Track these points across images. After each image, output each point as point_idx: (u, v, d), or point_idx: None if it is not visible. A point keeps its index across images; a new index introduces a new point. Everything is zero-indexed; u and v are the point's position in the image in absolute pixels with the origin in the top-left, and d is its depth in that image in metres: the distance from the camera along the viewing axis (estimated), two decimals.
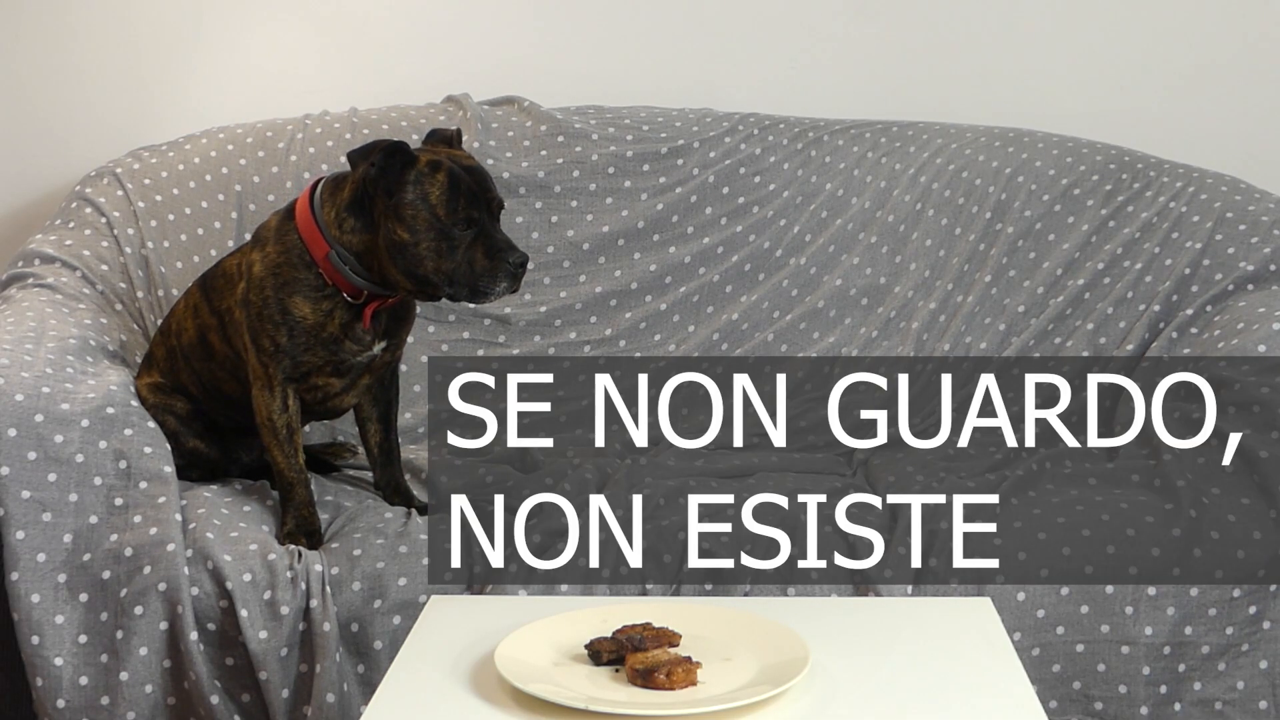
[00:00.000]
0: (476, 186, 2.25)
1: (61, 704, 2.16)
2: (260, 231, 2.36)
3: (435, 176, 2.23)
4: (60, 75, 3.13)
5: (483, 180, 2.26)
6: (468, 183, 2.24)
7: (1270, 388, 2.40)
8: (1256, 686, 2.26)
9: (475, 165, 2.28)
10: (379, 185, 2.22)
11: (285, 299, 2.28)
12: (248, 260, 2.34)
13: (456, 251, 2.23)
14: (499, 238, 2.25)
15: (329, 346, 2.31)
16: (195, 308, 2.44)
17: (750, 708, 1.63)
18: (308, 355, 2.31)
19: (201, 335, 2.42)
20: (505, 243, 2.25)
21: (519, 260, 2.23)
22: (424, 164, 2.24)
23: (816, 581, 2.20)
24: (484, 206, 2.25)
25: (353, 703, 2.16)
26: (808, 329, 2.89)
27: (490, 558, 2.21)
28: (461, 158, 2.29)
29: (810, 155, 3.02)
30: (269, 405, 2.33)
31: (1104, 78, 3.18)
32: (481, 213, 2.25)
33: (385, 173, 2.22)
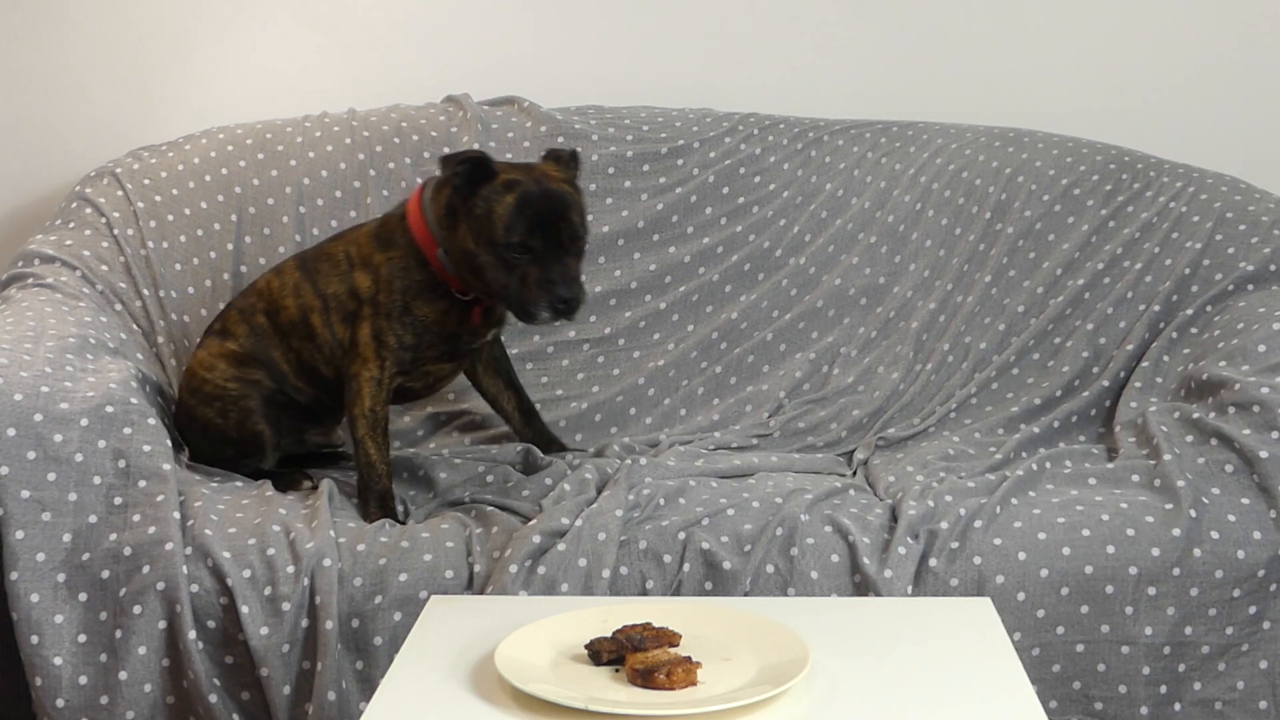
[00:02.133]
0: (546, 213, 2.29)
1: (61, 703, 2.16)
2: (382, 232, 2.44)
3: (505, 197, 2.30)
4: (60, 75, 3.13)
5: (556, 208, 2.30)
6: (537, 209, 2.29)
7: (1270, 388, 2.40)
8: (1256, 686, 2.26)
9: (558, 191, 2.32)
10: (458, 193, 2.32)
11: (410, 300, 2.39)
12: (371, 259, 2.42)
13: (513, 272, 2.30)
14: (555, 270, 2.29)
15: (448, 340, 2.43)
16: (296, 287, 2.50)
17: (750, 708, 1.63)
18: (429, 350, 2.43)
19: (304, 315, 2.48)
20: (561, 276, 2.29)
21: (564, 296, 2.29)
22: (500, 181, 2.31)
23: (816, 581, 2.20)
24: (549, 234, 2.29)
25: (352, 700, 2.16)
26: (806, 328, 2.89)
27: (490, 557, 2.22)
28: (550, 181, 2.33)
29: (810, 155, 3.02)
30: (374, 397, 2.41)
31: (1104, 78, 3.18)
32: (542, 241, 2.29)
33: (465, 182, 2.31)
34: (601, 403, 2.80)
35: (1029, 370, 2.82)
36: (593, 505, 2.28)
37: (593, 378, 2.83)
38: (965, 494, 2.35)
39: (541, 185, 2.32)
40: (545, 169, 2.38)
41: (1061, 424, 2.69)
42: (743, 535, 2.25)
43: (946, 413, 2.76)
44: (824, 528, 2.26)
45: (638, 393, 2.83)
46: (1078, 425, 2.71)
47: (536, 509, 2.33)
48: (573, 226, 2.31)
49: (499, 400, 2.65)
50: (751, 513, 2.30)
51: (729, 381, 2.85)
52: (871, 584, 2.17)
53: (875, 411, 2.77)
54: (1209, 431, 2.40)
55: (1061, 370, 2.79)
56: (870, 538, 2.24)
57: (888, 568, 2.18)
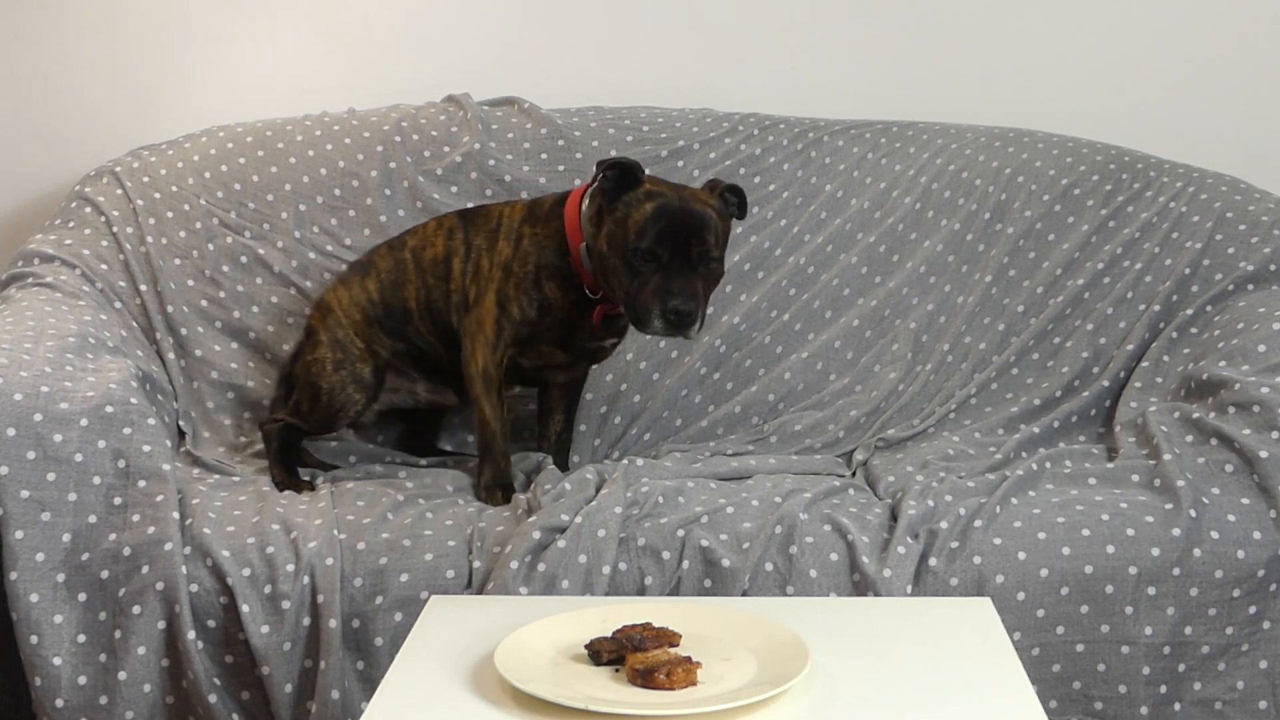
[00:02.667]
0: (680, 227, 2.34)
1: (60, 703, 2.16)
2: (536, 209, 2.53)
3: (644, 205, 2.35)
4: (60, 75, 3.13)
5: (689, 224, 2.34)
6: (671, 221, 2.34)
7: (1270, 388, 2.40)
8: (1256, 686, 2.26)
9: (696, 209, 2.36)
10: (605, 196, 2.39)
11: (543, 278, 2.46)
12: (518, 230, 2.50)
13: (636, 278, 2.35)
14: (675, 282, 2.33)
15: (566, 327, 2.49)
16: (450, 230, 2.59)
17: (750, 708, 1.63)
18: (547, 332, 2.49)
19: (448, 256, 2.57)
20: (679, 289, 2.33)
21: (675, 308, 2.32)
22: (643, 190, 2.37)
23: (815, 580, 2.20)
24: (678, 247, 2.33)
25: (353, 699, 2.16)
26: (804, 329, 2.89)
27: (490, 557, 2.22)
28: (692, 200, 2.37)
29: (810, 156, 3.02)
30: (488, 358, 2.48)
31: (1104, 78, 3.18)
32: (669, 252, 2.33)
33: (613, 186, 2.38)
34: (600, 409, 2.80)
35: (1029, 370, 2.82)
36: (592, 503, 2.28)
37: (591, 385, 2.82)
38: (965, 494, 2.35)
39: (683, 201, 2.36)
40: (694, 191, 2.42)
41: (1061, 424, 2.69)
42: (742, 533, 2.25)
43: (946, 413, 2.76)
44: (823, 527, 2.26)
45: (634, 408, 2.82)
46: (1078, 425, 2.71)
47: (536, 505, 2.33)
48: (704, 245, 2.35)
49: (549, 416, 2.69)
50: (750, 511, 2.30)
51: (725, 388, 2.84)
52: (871, 583, 2.17)
53: (873, 412, 2.77)
54: (1209, 431, 2.40)
55: (1061, 370, 2.79)
56: (869, 537, 2.24)
57: (887, 567, 2.18)
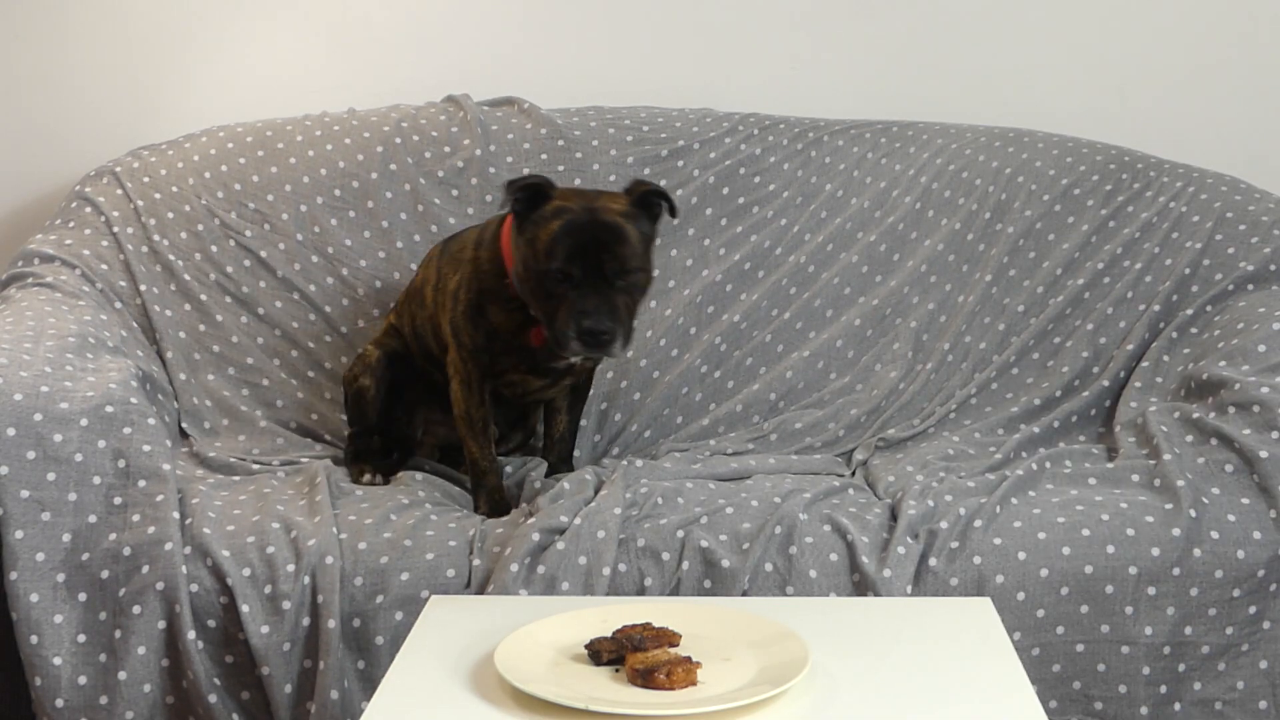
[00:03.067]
0: (588, 242, 2.24)
1: (60, 703, 2.16)
2: (484, 233, 2.47)
3: (551, 223, 2.26)
4: (60, 75, 3.13)
5: (602, 236, 2.25)
6: (580, 237, 2.24)
7: (1270, 388, 2.40)
8: (1256, 686, 2.26)
9: (607, 221, 2.26)
10: (518, 218, 2.32)
11: (485, 304, 2.41)
12: (470, 255, 2.46)
13: (550, 300, 2.27)
14: (589, 301, 2.24)
15: (523, 352, 2.42)
16: (432, 257, 2.60)
17: (750, 708, 1.63)
18: (503, 357, 2.44)
19: (423, 284, 2.58)
20: (593, 307, 2.24)
21: (589, 328, 2.24)
22: (551, 207, 2.28)
23: (815, 580, 2.20)
24: (589, 264, 2.24)
25: (353, 699, 2.16)
26: (805, 328, 2.89)
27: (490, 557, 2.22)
28: (603, 211, 2.28)
29: (810, 156, 3.02)
30: (467, 400, 2.45)
31: (1104, 78, 3.18)
32: (581, 270, 2.24)
33: (524, 207, 2.30)
34: (602, 410, 2.80)
35: (1029, 370, 2.82)
36: (591, 504, 2.28)
37: (595, 387, 2.82)
38: (965, 494, 2.35)
39: (591, 214, 2.27)
40: (606, 199, 2.32)
41: (1061, 424, 2.69)
42: (741, 534, 2.25)
43: (946, 413, 2.76)
44: (823, 527, 2.26)
45: (635, 405, 2.82)
46: (1078, 425, 2.70)
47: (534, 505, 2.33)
48: (617, 259, 2.25)
49: (552, 417, 2.66)
50: (750, 511, 2.30)
51: (726, 386, 2.84)
52: (870, 583, 2.17)
53: (873, 410, 2.77)
54: (1209, 431, 2.40)
55: (1061, 370, 2.79)
56: (869, 537, 2.24)
57: (887, 567, 2.18)
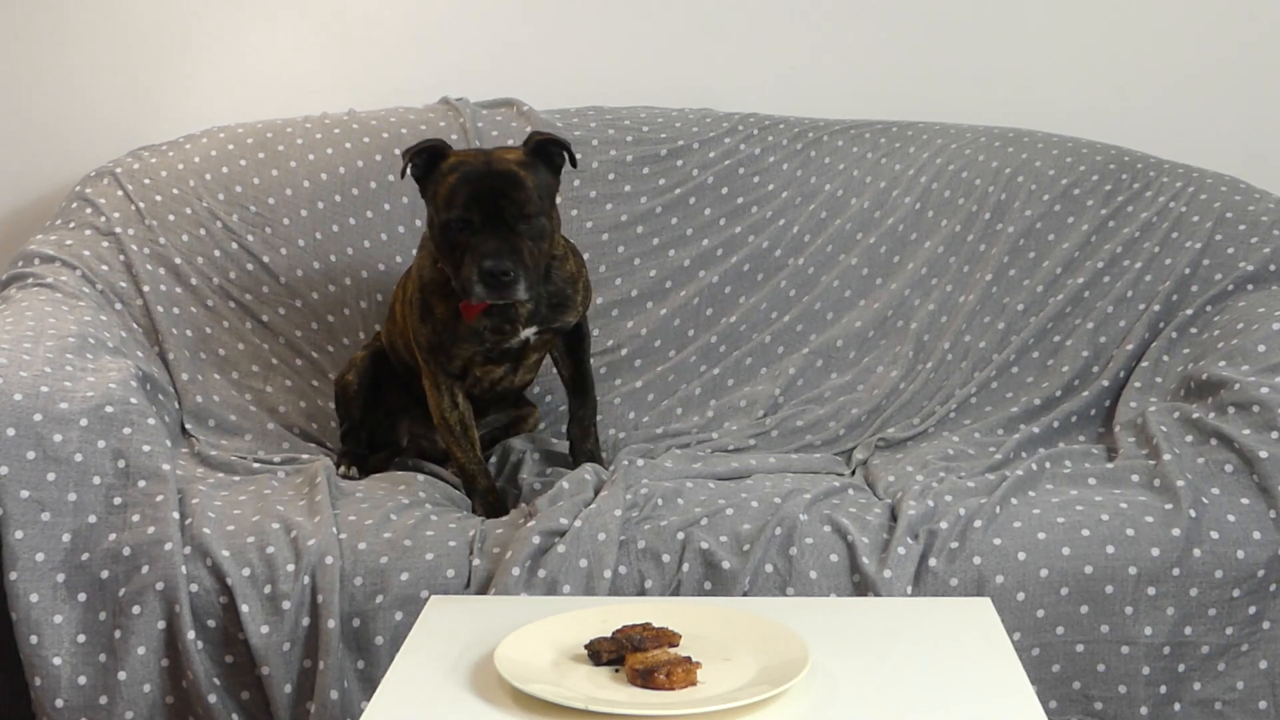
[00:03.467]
0: (485, 189, 2.28)
1: (60, 703, 2.16)
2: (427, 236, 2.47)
3: (448, 177, 2.31)
4: (60, 75, 3.13)
5: (498, 184, 2.29)
6: (476, 185, 2.28)
7: (1270, 388, 2.40)
8: (1256, 686, 2.26)
9: (502, 169, 2.31)
10: (419, 183, 2.36)
11: (428, 298, 2.43)
12: (418, 260, 2.49)
13: (455, 251, 2.31)
14: (489, 244, 2.27)
15: (474, 339, 2.42)
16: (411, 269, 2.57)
17: (750, 708, 1.63)
18: (456, 349, 2.43)
19: (395, 302, 2.62)
20: (493, 250, 2.26)
21: (490, 269, 2.26)
22: (448, 164, 2.33)
23: (815, 581, 2.20)
24: (487, 210, 2.28)
25: (353, 699, 2.16)
26: (805, 330, 2.89)
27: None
28: (498, 161, 2.32)
29: (810, 156, 3.02)
30: (439, 405, 2.47)
31: (1104, 78, 3.18)
32: (480, 215, 2.28)
33: (423, 172, 2.36)
34: (602, 408, 2.80)
35: (1029, 370, 2.82)
36: (591, 506, 2.28)
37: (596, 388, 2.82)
38: (965, 494, 2.35)
39: (488, 164, 2.32)
40: (503, 151, 2.37)
41: (1061, 424, 2.69)
42: (741, 535, 2.25)
43: (946, 413, 2.76)
44: (823, 527, 2.26)
45: (636, 397, 2.83)
46: (1078, 425, 2.71)
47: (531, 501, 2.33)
48: (515, 203, 2.29)
49: (560, 369, 2.64)
50: (750, 512, 2.30)
51: (726, 384, 2.85)
52: (871, 584, 2.17)
53: (874, 409, 2.77)
54: (1209, 431, 2.40)
55: (1061, 370, 2.79)
56: (869, 537, 2.24)
57: (887, 567, 2.18)
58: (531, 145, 2.37)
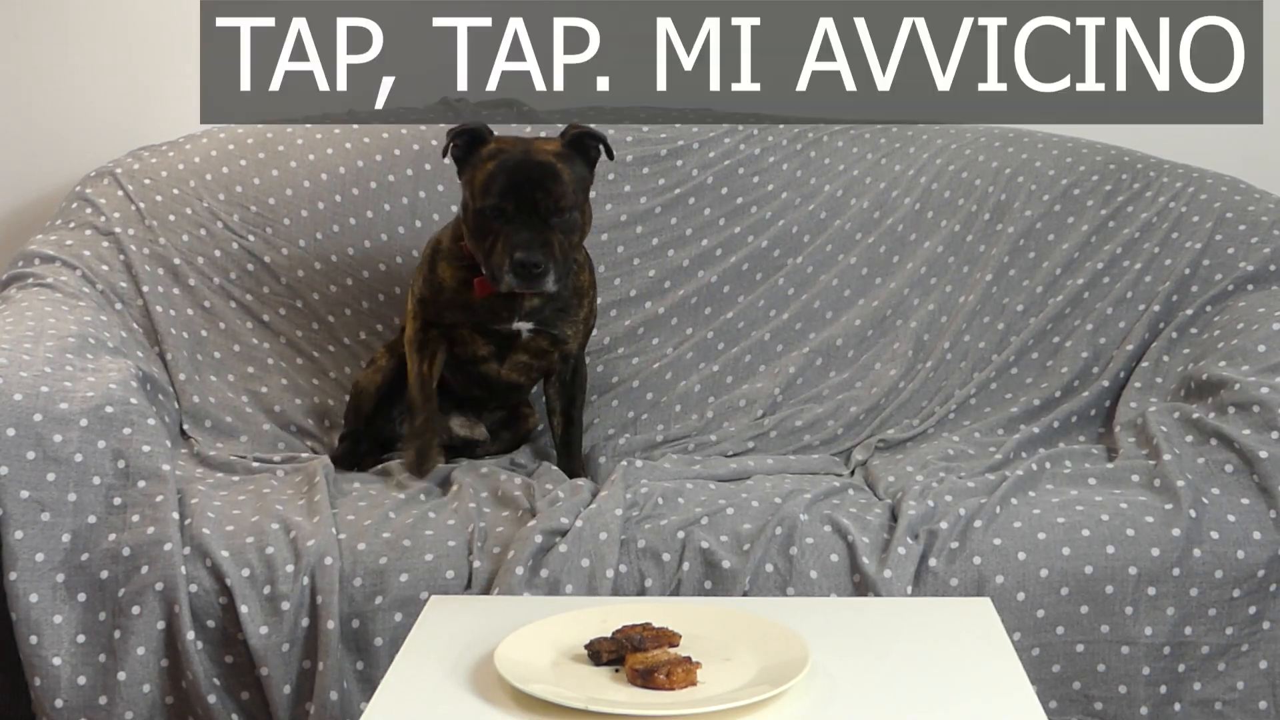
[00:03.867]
0: (522, 179, 2.32)
1: (60, 703, 2.16)
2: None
3: (487, 164, 2.35)
4: (60, 75, 3.13)
5: (535, 175, 2.33)
6: (513, 175, 2.32)
7: (1270, 388, 2.40)
8: (1256, 686, 2.26)
9: (539, 160, 2.34)
10: (458, 165, 2.43)
11: (437, 260, 2.50)
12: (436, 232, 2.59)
13: (487, 238, 2.35)
14: (521, 235, 2.31)
15: (468, 310, 2.47)
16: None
17: (750, 708, 1.63)
18: (447, 313, 2.49)
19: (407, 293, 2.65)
20: (524, 241, 2.31)
21: (521, 260, 2.30)
22: (488, 149, 2.37)
23: (816, 581, 2.20)
24: (523, 200, 2.32)
25: (352, 700, 2.16)
26: (804, 329, 2.89)
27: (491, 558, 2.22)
28: (536, 151, 2.36)
29: (810, 156, 3.02)
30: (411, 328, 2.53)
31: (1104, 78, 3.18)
32: (514, 205, 2.32)
33: (463, 153, 2.40)
34: (599, 407, 2.81)
35: (1029, 370, 2.82)
36: (591, 505, 2.28)
37: (592, 387, 2.83)
38: (965, 494, 2.35)
39: (527, 153, 2.35)
40: (542, 142, 2.40)
41: (1061, 424, 2.69)
42: (742, 534, 2.25)
43: (946, 413, 2.76)
44: (823, 527, 2.26)
45: (634, 396, 2.83)
46: (1077, 425, 2.71)
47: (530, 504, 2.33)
48: (551, 196, 2.32)
49: (552, 420, 2.66)
50: (750, 512, 2.30)
51: (725, 381, 2.85)
52: (871, 584, 2.17)
53: (873, 408, 2.77)
54: (1209, 431, 2.40)
55: (1061, 370, 2.79)
56: (870, 537, 2.24)
57: (887, 568, 2.18)
58: (569, 138, 2.40)
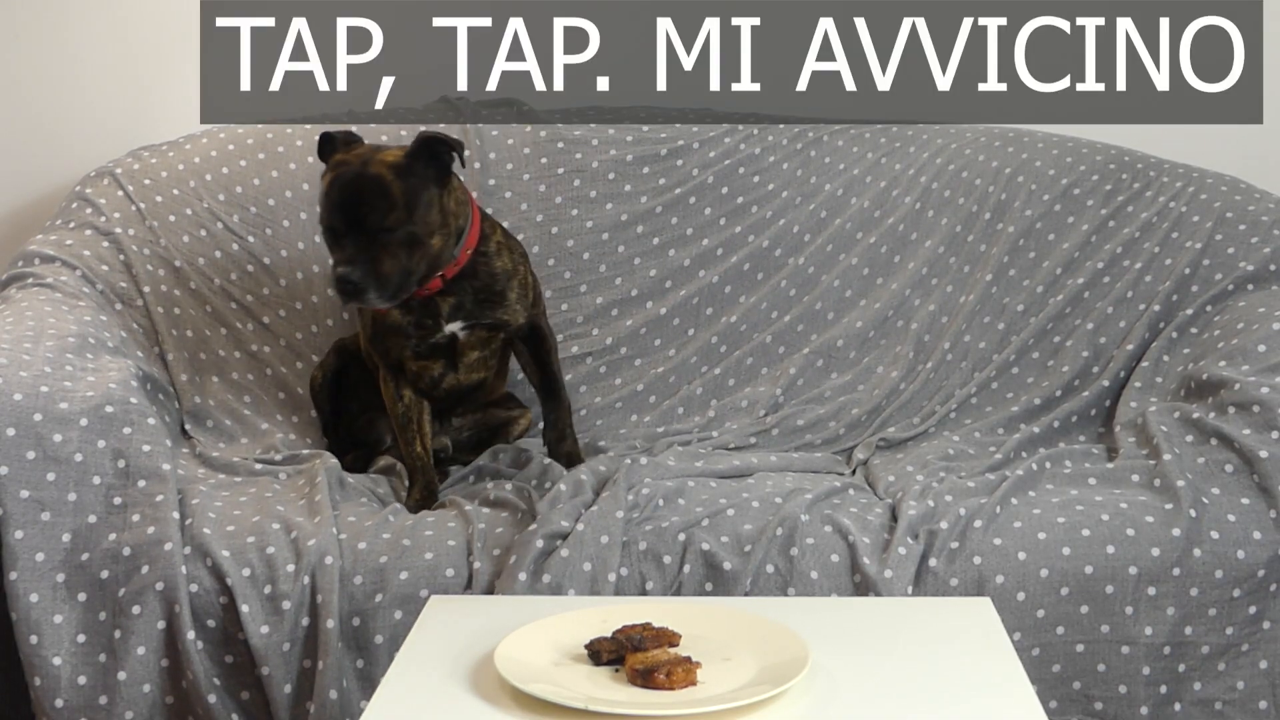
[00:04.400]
0: (347, 197, 2.30)
1: (60, 703, 2.16)
2: None
3: (325, 177, 2.35)
4: (60, 75, 3.13)
5: (354, 191, 2.29)
6: (340, 193, 2.30)
7: (1270, 388, 2.40)
8: (1256, 686, 2.26)
9: (366, 174, 2.30)
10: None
11: None
12: None
13: (332, 255, 2.34)
14: (345, 253, 2.30)
15: (399, 333, 2.47)
16: None
17: (750, 708, 1.63)
18: (389, 342, 2.49)
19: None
20: (346, 258, 2.29)
21: (340, 275, 2.28)
22: (331, 163, 2.36)
23: (816, 581, 2.20)
24: (350, 217, 2.29)
25: (352, 699, 2.16)
26: (806, 330, 2.89)
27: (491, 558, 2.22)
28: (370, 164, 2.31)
29: (810, 155, 3.02)
30: (388, 395, 2.53)
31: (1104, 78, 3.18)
32: (342, 223, 2.30)
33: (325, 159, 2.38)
34: (601, 409, 2.81)
35: (1029, 370, 2.82)
36: (592, 508, 2.28)
37: (595, 389, 2.83)
38: (965, 494, 2.35)
39: (359, 168, 2.31)
40: (384, 154, 2.34)
41: (1061, 424, 2.69)
42: (743, 535, 2.25)
43: (946, 413, 2.76)
44: (824, 528, 2.26)
45: (637, 399, 2.83)
46: (1078, 425, 2.71)
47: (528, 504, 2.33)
48: (377, 211, 2.28)
49: (528, 374, 2.65)
50: (751, 513, 2.30)
51: (727, 383, 2.85)
52: (871, 584, 2.17)
53: (874, 409, 2.77)
54: (1209, 431, 2.40)
55: (1061, 370, 2.79)
56: (870, 537, 2.24)
57: (888, 568, 2.18)
58: (414, 146, 2.35)
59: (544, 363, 2.61)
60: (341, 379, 2.70)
